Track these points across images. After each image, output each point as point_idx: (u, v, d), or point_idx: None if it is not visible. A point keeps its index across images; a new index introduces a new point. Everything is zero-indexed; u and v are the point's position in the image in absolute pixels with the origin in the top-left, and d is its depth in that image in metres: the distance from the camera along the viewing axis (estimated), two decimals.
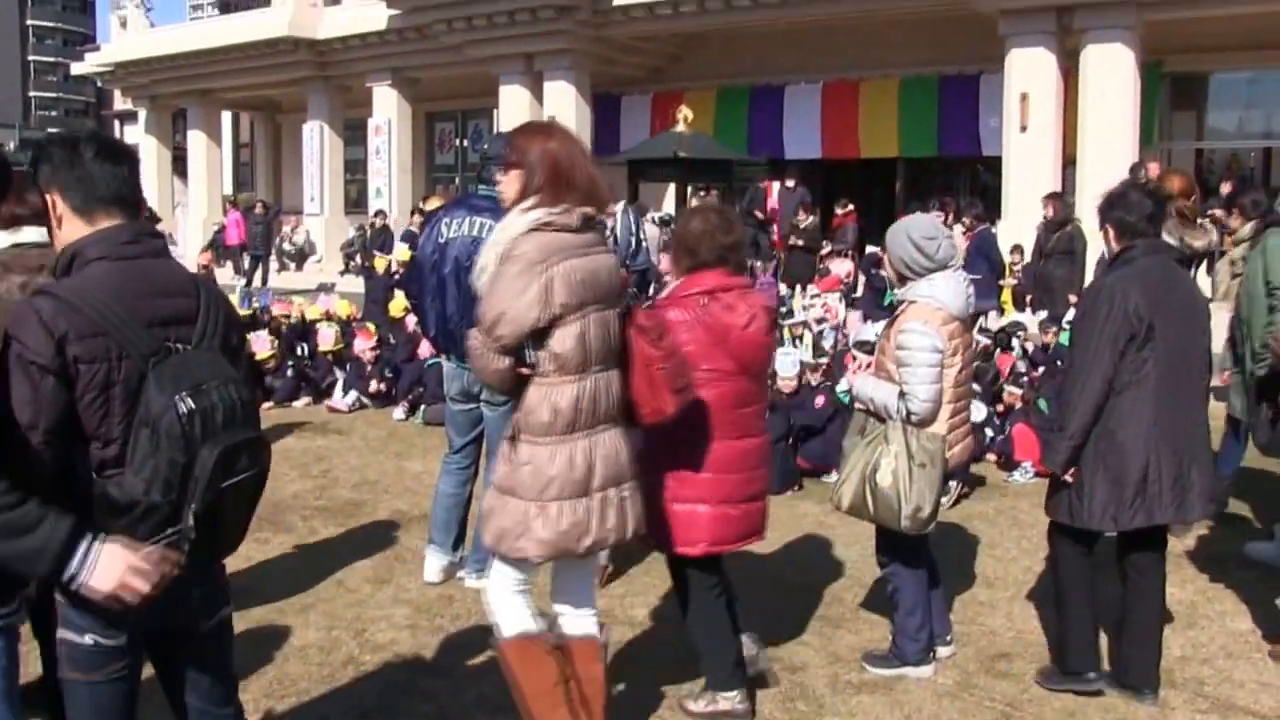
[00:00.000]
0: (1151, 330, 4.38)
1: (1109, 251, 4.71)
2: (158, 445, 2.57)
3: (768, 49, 21.37)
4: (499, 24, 21.23)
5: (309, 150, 26.59)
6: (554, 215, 3.49)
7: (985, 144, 19.20)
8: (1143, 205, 4.57)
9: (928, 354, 4.47)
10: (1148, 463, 4.42)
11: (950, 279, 4.61)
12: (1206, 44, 17.99)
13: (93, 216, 2.74)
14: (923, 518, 4.51)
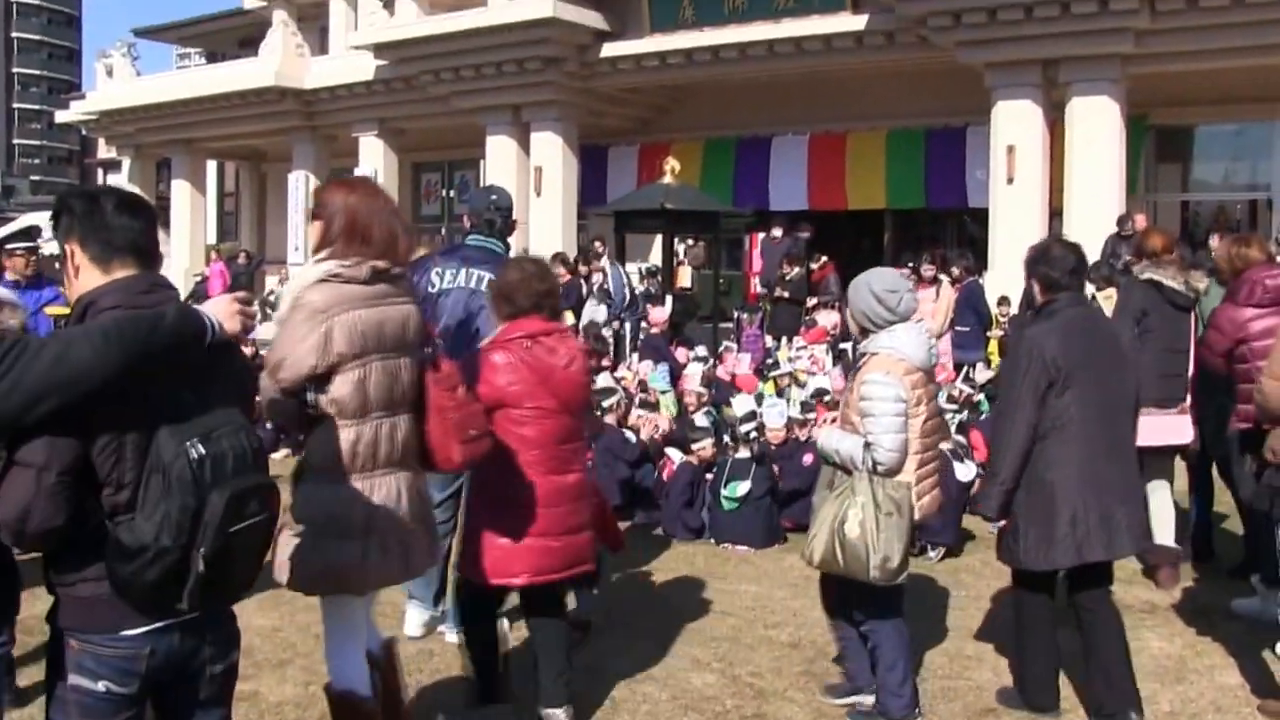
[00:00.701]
0: (1071, 378, 4.64)
1: (1035, 303, 5.00)
2: (169, 490, 2.61)
3: (754, 101, 21.43)
4: (486, 75, 21.25)
5: (294, 200, 26.51)
6: (343, 268, 3.67)
7: (972, 196, 19.21)
8: (1065, 260, 4.86)
9: (891, 404, 4.57)
10: (1075, 503, 4.65)
11: (911, 330, 4.77)
12: (1191, 97, 18.08)
13: (109, 266, 2.81)
14: (892, 568, 4.52)
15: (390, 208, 3.93)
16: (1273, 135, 18.59)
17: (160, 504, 2.61)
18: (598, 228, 20.70)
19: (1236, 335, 6.34)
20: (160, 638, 2.76)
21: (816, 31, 18.34)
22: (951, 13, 16.58)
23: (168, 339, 2.65)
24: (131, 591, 2.65)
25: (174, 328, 2.67)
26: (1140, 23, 15.73)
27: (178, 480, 2.61)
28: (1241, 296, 6.41)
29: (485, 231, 6.01)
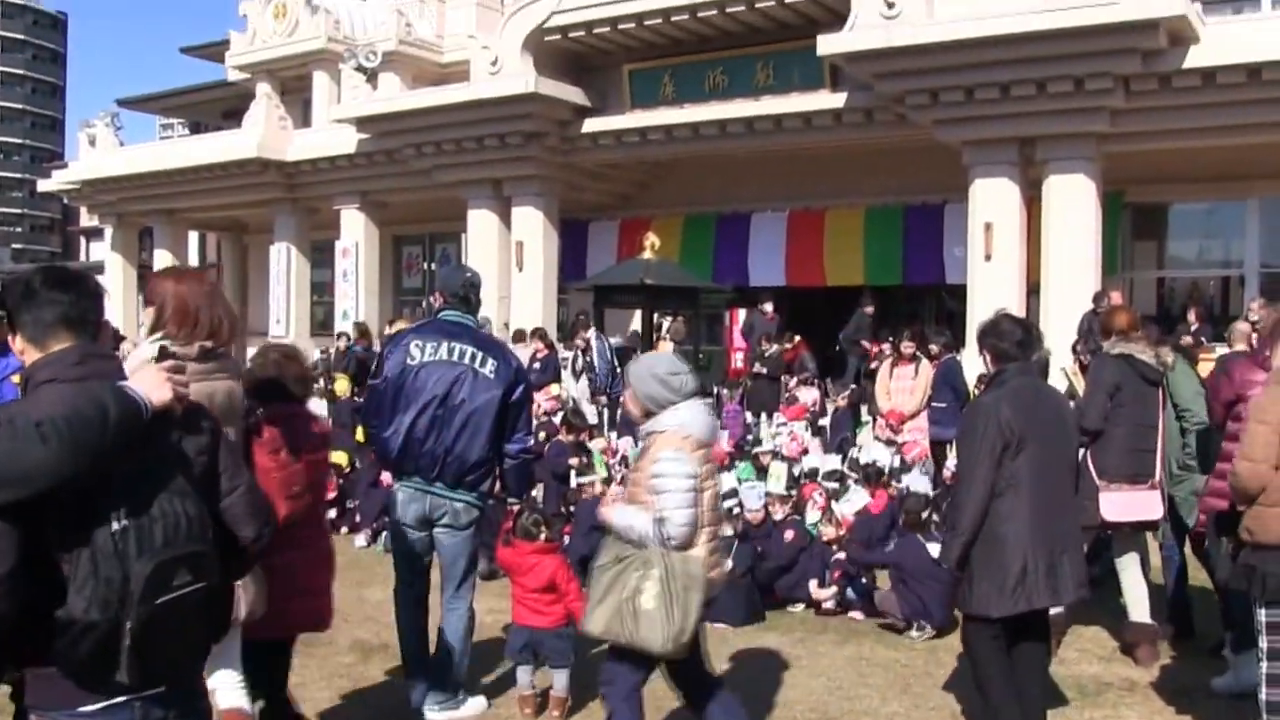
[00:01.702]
0: (1023, 441, 5.04)
1: (986, 373, 5.45)
2: (95, 563, 2.59)
3: (734, 177, 21.61)
4: (468, 149, 21.37)
5: (276, 271, 26.55)
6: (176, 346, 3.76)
7: (950, 272, 19.33)
8: (1014, 333, 5.32)
9: (682, 479, 4.66)
10: (1025, 555, 5.05)
11: (695, 407, 4.90)
12: (1166, 175, 18.32)
13: (45, 343, 2.85)
14: (685, 641, 4.62)
15: (215, 295, 4.28)
16: (1245, 214, 18.82)
17: (90, 578, 2.60)
18: (578, 302, 20.78)
19: (1240, 388, 6.34)
20: (119, 713, 2.74)
21: (796, 109, 18.52)
22: (929, 91, 16.76)
23: (114, 437, 2.66)
24: (67, 666, 2.64)
25: (118, 424, 2.68)
26: (1115, 102, 15.93)
27: (100, 552, 2.61)
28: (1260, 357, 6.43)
29: (460, 308, 6.08)
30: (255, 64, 28.24)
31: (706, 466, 4.81)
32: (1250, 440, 4.90)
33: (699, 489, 4.71)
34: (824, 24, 17.37)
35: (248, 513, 3.14)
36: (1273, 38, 15.10)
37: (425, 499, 5.85)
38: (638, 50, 19.84)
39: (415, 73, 26.54)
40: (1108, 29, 15.19)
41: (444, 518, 5.89)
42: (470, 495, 5.93)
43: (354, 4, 29.06)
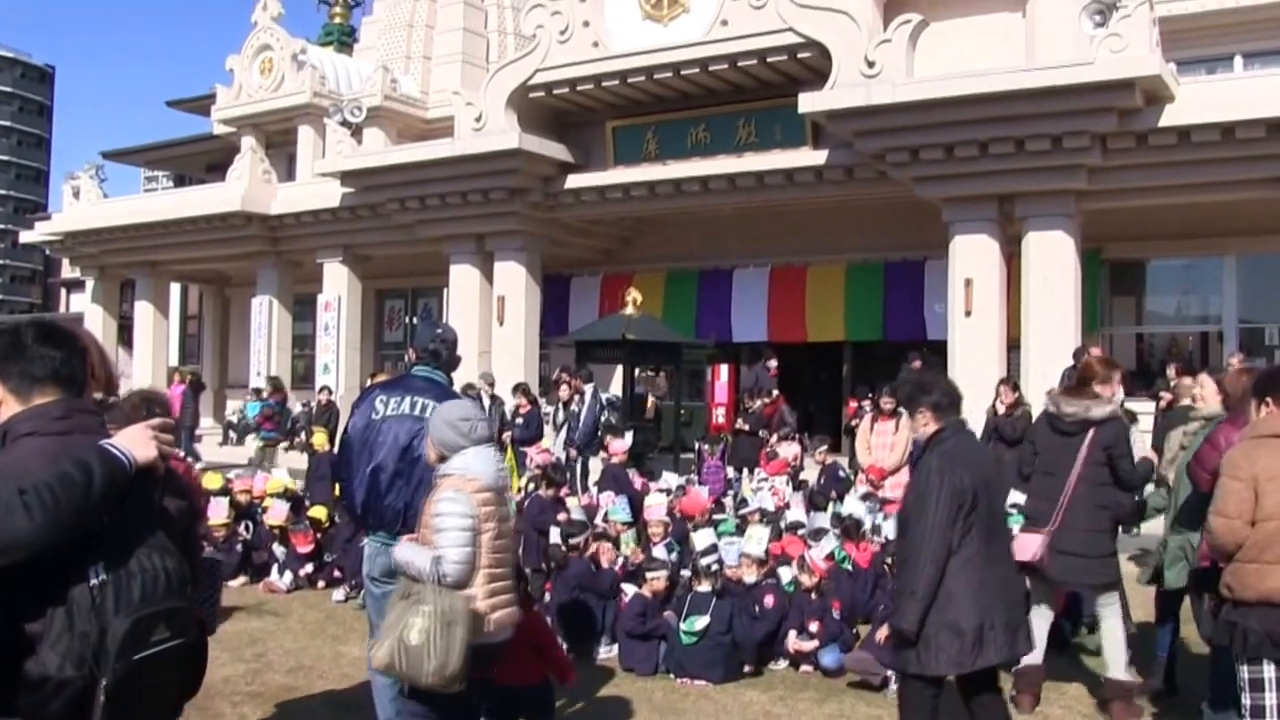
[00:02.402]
0: (976, 499, 5.09)
1: (923, 434, 5.39)
2: (71, 618, 2.56)
3: (716, 233, 21.74)
4: (451, 204, 21.44)
5: (257, 324, 26.53)
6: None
7: (930, 328, 19.44)
8: (950, 390, 5.43)
9: (459, 519, 4.83)
10: (984, 612, 5.09)
11: (482, 453, 5.12)
12: (1144, 232, 18.49)
13: (29, 396, 2.83)
14: (448, 674, 4.70)
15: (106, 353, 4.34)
16: (1222, 270, 18.98)
17: (64, 633, 2.57)
18: (559, 358, 20.79)
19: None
20: None
21: (777, 166, 18.66)
22: (909, 149, 16.91)
23: (99, 500, 2.65)
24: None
25: (104, 487, 2.67)
26: (1092, 160, 16.08)
27: (77, 607, 2.58)
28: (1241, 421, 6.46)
29: (430, 363, 6.10)
30: (241, 118, 28.43)
31: (488, 509, 4.98)
32: (1224, 496, 4.92)
33: (477, 530, 4.88)
34: (805, 82, 17.53)
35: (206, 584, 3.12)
36: (1246, 97, 15.30)
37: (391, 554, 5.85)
38: (621, 107, 19.99)
39: (400, 128, 26.74)
40: (1084, 88, 15.37)
41: None
42: None
43: (340, 59, 29.34)
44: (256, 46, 28.22)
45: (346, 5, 35.83)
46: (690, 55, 18.12)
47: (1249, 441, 5.04)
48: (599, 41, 19.02)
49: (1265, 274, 18.05)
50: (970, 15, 19.69)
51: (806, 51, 17.36)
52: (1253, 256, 18.49)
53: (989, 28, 19.55)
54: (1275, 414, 5.07)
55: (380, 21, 29.80)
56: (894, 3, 19.92)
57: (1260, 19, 20.31)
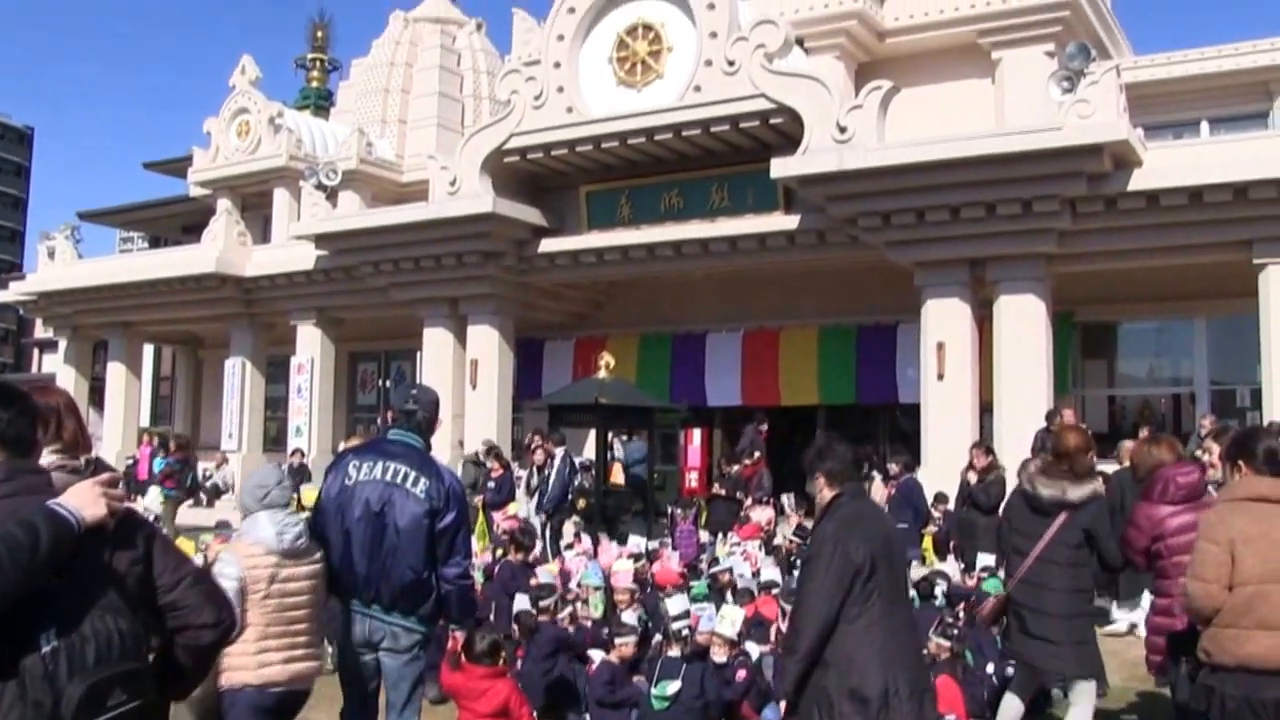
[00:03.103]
0: (875, 566, 4.99)
1: (821, 498, 5.29)
2: (23, 688, 2.50)
3: (689, 297, 21.82)
4: (425, 268, 21.45)
5: (230, 386, 26.40)
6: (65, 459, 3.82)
7: (902, 392, 19.48)
8: (846, 455, 5.31)
9: (226, 580, 5.02)
10: (886, 679, 4.98)
11: (268, 518, 5.37)
12: (1114, 295, 18.62)
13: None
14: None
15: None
16: (1193, 332, 19.11)
17: (17, 703, 2.52)
18: (532, 421, 20.72)
19: (1153, 532, 6.35)
20: None
21: (750, 230, 18.71)
22: (880, 214, 17.02)
23: (45, 561, 2.61)
24: None
25: (50, 547, 2.63)
26: (1062, 224, 16.22)
27: (30, 677, 2.52)
28: (1155, 494, 6.44)
29: (404, 425, 6.06)
30: (217, 180, 28.44)
31: (257, 571, 5.23)
32: (1200, 560, 4.88)
33: (244, 590, 5.15)
34: (778, 148, 17.64)
35: (203, 599, 3.07)
36: (1212, 161, 15.52)
37: (366, 621, 5.78)
38: (595, 172, 20.08)
39: (375, 191, 26.82)
40: (1054, 153, 15.54)
41: (384, 640, 5.79)
42: (407, 619, 5.84)
43: (316, 123, 29.46)
44: (234, 109, 28.31)
45: (324, 70, 36.10)
46: (663, 120, 18.23)
47: (1224, 505, 5.03)
48: (573, 107, 19.12)
49: (1235, 336, 18.14)
50: (940, 82, 20.04)
51: (779, 117, 17.47)
52: (1223, 319, 18.61)
53: (959, 94, 19.89)
54: (1249, 477, 5.06)
55: (357, 86, 29.99)
56: (865, 69, 20.25)
57: (1225, 85, 20.69)
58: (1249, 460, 5.10)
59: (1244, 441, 5.28)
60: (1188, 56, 20.89)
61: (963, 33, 19.96)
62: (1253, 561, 4.77)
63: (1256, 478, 5.05)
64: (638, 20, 18.84)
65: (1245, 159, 15.29)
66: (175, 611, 3.00)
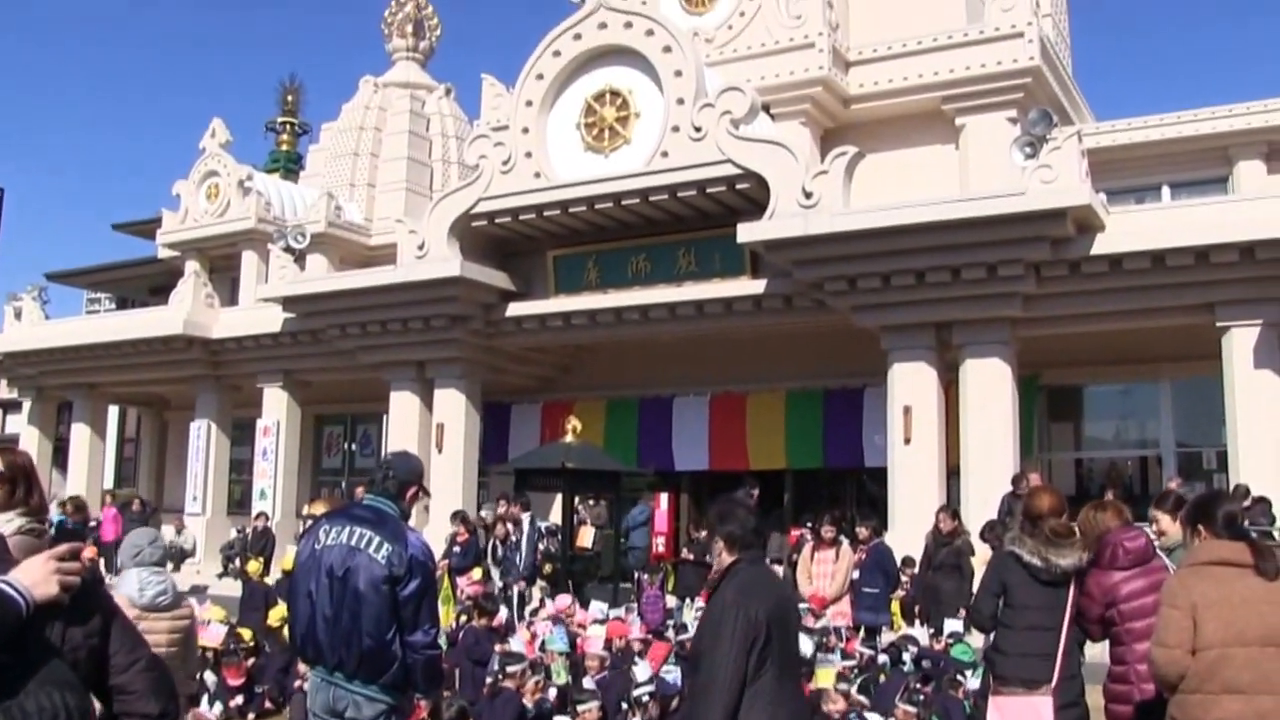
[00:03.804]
0: (770, 633, 4.89)
1: (719, 563, 5.19)
2: None
3: (656, 361, 21.82)
4: (392, 331, 21.42)
5: (195, 448, 26.22)
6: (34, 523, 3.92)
7: (869, 456, 19.50)
8: (748, 521, 5.20)
9: None
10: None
11: (135, 574, 5.69)
12: (1080, 358, 18.73)
13: None
14: None
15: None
16: (1158, 394, 19.23)
17: None
18: (498, 485, 20.63)
19: (1106, 599, 6.30)
20: None
21: (717, 295, 18.75)
22: (846, 278, 17.10)
23: None
24: None
25: None
26: (1027, 288, 16.33)
27: None
28: (1105, 560, 6.39)
29: (378, 490, 6.02)
30: (185, 242, 28.40)
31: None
32: (1164, 626, 4.86)
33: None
34: (744, 212, 17.73)
35: (150, 688, 3.01)
36: (1174, 225, 15.71)
37: (330, 689, 5.69)
38: (562, 236, 20.13)
39: (343, 254, 26.84)
40: (1017, 218, 15.68)
41: (347, 709, 5.68)
42: (369, 687, 5.75)
43: (286, 185, 29.54)
44: (204, 172, 28.35)
45: (294, 133, 36.21)
46: (631, 186, 18.32)
47: (1186, 570, 5.02)
48: (541, 172, 19.20)
49: (1200, 398, 18.26)
50: (905, 147, 20.24)
51: (745, 182, 17.58)
52: (1188, 381, 18.73)
53: (923, 159, 20.09)
54: (1209, 541, 5.06)
55: (326, 149, 30.10)
56: (831, 135, 20.43)
57: (1185, 150, 20.98)
58: (1209, 524, 5.11)
59: (1204, 506, 5.29)
60: (1148, 122, 21.19)
61: (927, 99, 20.19)
62: (1215, 626, 4.76)
63: (1217, 542, 5.05)
64: (605, 86, 18.99)
65: (1206, 223, 15.47)
66: (123, 695, 2.95)
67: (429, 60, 32.38)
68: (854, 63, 20.79)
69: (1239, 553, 4.95)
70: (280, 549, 20.95)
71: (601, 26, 18.96)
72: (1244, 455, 15.50)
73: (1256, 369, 15.61)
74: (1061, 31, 24.78)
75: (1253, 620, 4.77)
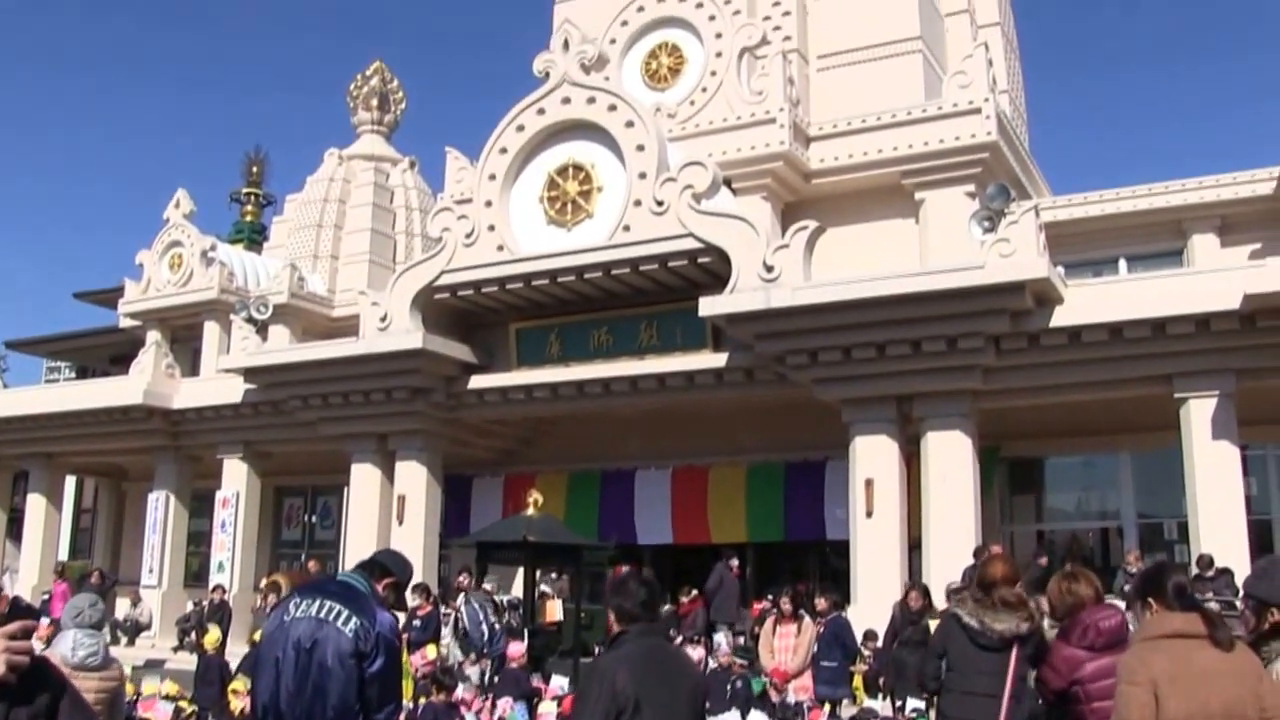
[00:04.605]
0: (639, 705, 4.82)
1: (610, 633, 5.23)
2: None
3: (618, 434, 21.80)
4: (354, 403, 21.34)
5: (152, 520, 25.91)
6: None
7: (830, 529, 19.44)
8: (638, 593, 5.21)
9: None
10: None
11: (70, 635, 6.04)
12: (1040, 430, 18.84)
13: None
14: None
15: None
16: (1118, 466, 19.34)
17: None
18: (460, 558, 20.47)
19: (1070, 676, 6.27)
20: None
21: (679, 368, 18.78)
22: (808, 351, 17.17)
23: None
24: None
25: None
26: (987, 360, 16.43)
27: None
28: (1074, 638, 6.35)
29: (358, 569, 6.07)
30: (147, 311, 28.28)
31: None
32: (1125, 704, 4.79)
33: None
34: (706, 286, 17.84)
35: None
36: (1131, 298, 15.89)
37: None
38: (525, 309, 20.16)
39: (306, 325, 26.76)
40: (976, 291, 15.82)
41: None
42: None
43: (249, 256, 29.52)
44: (167, 242, 28.28)
45: (258, 204, 36.26)
46: (593, 259, 18.40)
47: (1141, 644, 4.98)
48: (504, 245, 19.26)
49: (1160, 470, 18.38)
50: (865, 221, 20.44)
51: (707, 256, 17.69)
52: (1148, 453, 18.84)
53: (883, 233, 20.27)
54: (1161, 614, 5.03)
55: (290, 221, 30.12)
56: (792, 209, 20.60)
57: (1141, 224, 21.27)
58: (1159, 597, 5.08)
59: (1153, 578, 5.26)
60: (1104, 197, 21.49)
61: (887, 174, 20.41)
62: (1178, 701, 4.71)
63: (1169, 614, 5.02)
64: (568, 160, 19.12)
65: (1162, 296, 15.66)
66: None
67: (394, 133, 32.54)
68: (815, 138, 21.02)
69: (1193, 624, 4.93)
70: (237, 622, 20.70)
71: (565, 101, 19.13)
72: (1204, 526, 15.57)
73: (1214, 439, 15.72)
74: (1018, 107, 25.16)
75: (1214, 693, 4.72)
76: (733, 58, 21.02)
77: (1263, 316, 15.10)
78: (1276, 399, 16.48)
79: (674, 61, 21.92)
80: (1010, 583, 7.00)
